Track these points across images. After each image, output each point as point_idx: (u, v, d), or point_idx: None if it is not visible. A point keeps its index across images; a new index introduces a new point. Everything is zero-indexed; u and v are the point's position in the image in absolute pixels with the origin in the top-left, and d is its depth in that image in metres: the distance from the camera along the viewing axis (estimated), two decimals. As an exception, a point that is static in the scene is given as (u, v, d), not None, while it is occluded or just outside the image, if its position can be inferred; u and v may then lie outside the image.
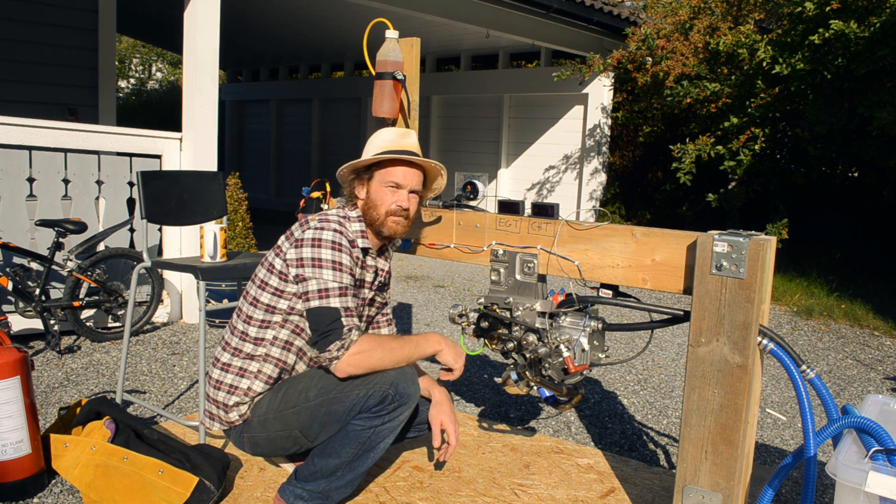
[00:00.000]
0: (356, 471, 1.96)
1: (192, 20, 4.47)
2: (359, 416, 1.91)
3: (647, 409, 3.40)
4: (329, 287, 1.89)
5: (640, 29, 7.09)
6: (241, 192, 5.83)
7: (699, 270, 1.75)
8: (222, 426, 2.08)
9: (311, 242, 1.93)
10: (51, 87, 6.39)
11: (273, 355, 2.03)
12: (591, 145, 8.78)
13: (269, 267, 2.03)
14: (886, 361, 4.46)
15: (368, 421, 1.91)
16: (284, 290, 1.99)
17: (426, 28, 8.15)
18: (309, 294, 1.90)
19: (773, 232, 6.35)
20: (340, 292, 1.90)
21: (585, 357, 2.08)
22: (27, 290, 3.82)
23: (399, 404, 1.92)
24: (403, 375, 1.95)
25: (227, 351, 2.08)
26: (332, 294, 1.89)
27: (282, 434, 2.00)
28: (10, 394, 2.18)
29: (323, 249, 1.92)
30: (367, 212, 2.08)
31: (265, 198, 12.47)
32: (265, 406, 2.02)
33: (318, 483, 1.95)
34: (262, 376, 2.03)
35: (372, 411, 1.90)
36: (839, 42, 5.77)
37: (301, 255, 1.93)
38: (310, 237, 1.95)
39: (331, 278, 1.90)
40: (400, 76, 2.39)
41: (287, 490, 1.98)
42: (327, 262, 1.91)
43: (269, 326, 2.02)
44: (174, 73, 20.13)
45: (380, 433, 1.93)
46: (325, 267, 1.90)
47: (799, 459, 1.72)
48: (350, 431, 1.92)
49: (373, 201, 2.06)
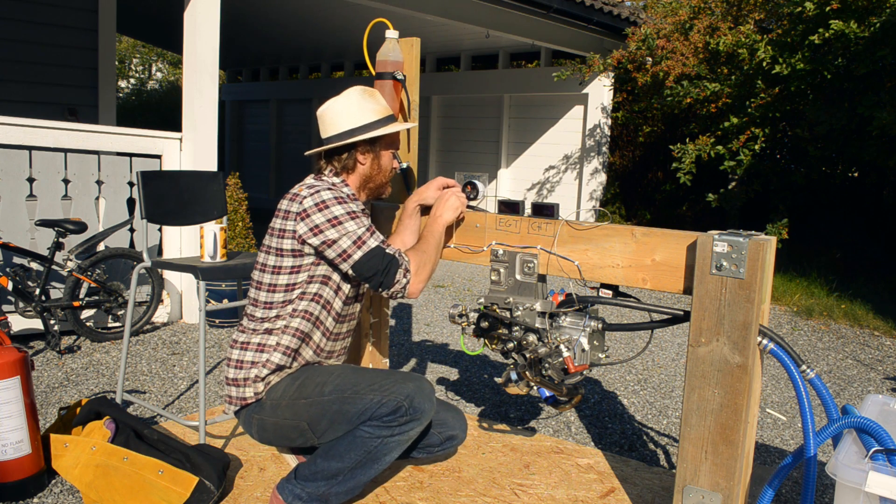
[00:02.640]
0: (357, 479, 1.94)
1: (192, 20, 4.47)
2: (368, 423, 1.89)
3: (647, 409, 3.40)
4: (360, 234, 1.95)
5: (640, 29, 7.09)
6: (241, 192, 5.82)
7: (699, 270, 1.75)
8: (235, 406, 2.05)
9: (317, 208, 1.95)
10: (51, 87, 6.39)
11: (292, 325, 2.01)
12: (591, 145, 8.78)
13: (278, 252, 2.01)
14: (886, 361, 4.46)
15: (377, 430, 1.89)
16: (302, 264, 2.00)
17: (426, 28, 8.15)
18: (347, 250, 1.94)
19: (773, 232, 6.35)
20: (370, 232, 1.97)
21: (585, 357, 2.08)
22: (27, 290, 3.82)
23: (411, 419, 1.90)
24: (422, 391, 1.94)
25: (244, 332, 2.06)
26: (366, 237, 1.95)
27: (290, 423, 1.98)
28: (10, 394, 2.18)
29: (331, 208, 1.95)
30: (373, 178, 2.13)
31: (265, 198, 12.46)
32: (280, 391, 2.00)
33: (318, 485, 1.93)
34: (281, 348, 2.00)
35: (383, 420, 1.88)
36: (839, 42, 5.77)
37: (314, 222, 1.94)
38: (312, 204, 1.95)
39: (355, 227, 1.95)
40: (400, 76, 2.38)
41: (286, 488, 1.97)
42: (343, 215, 1.95)
43: (288, 303, 2.02)
44: (174, 73, 20.13)
45: (387, 444, 1.91)
46: (343, 221, 1.94)
47: (799, 459, 1.72)
48: (357, 437, 1.90)
49: (383, 167, 2.14)
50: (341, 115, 2.07)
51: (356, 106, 2.07)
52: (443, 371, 3.86)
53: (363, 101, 2.08)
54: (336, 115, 2.07)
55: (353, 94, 2.09)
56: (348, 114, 2.06)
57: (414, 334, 4.65)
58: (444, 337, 4.61)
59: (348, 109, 2.06)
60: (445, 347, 4.36)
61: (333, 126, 2.08)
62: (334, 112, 2.07)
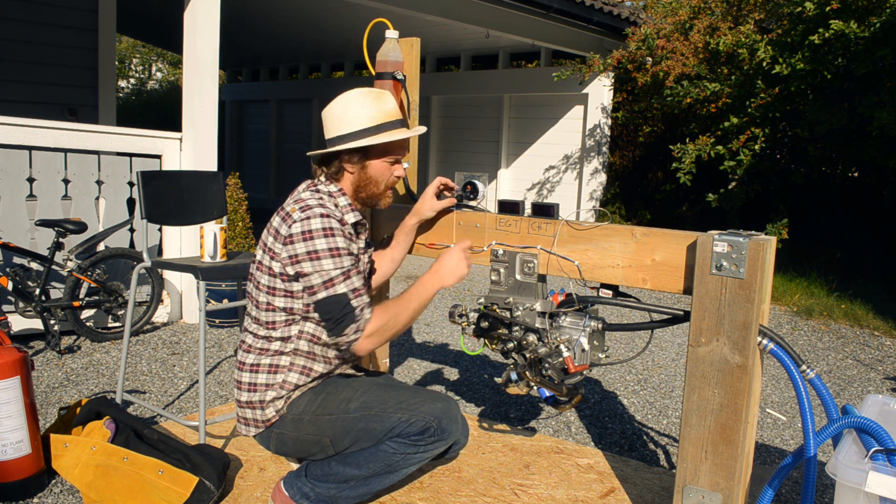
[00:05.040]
0: (370, 487, 1.93)
1: (192, 20, 4.47)
2: (395, 439, 1.88)
3: (647, 409, 3.40)
4: (333, 276, 1.85)
5: (640, 29, 7.09)
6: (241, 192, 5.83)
7: (699, 270, 1.75)
8: (259, 429, 1.99)
9: (301, 237, 1.86)
10: (51, 87, 6.39)
11: (302, 349, 1.97)
12: (591, 145, 8.78)
13: (269, 271, 1.94)
14: (886, 361, 4.46)
15: (403, 447, 1.88)
16: (293, 290, 1.93)
17: (426, 28, 8.15)
18: (314, 287, 1.86)
19: (773, 232, 6.35)
20: (344, 277, 1.86)
21: (585, 357, 2.08)
22: (27, 290, 3.81)
23: (438, 439, 1.90)
24: (449, 412, 1.93)
25: (251, 353, 2.00)
26: (337, 281, 1.85)
27: (312, 439, 1.95)
28: (10, 394, 2.18)
29: (316, 241, 1.86)
30: (364, 187, 2.02)
31: (265, 198, 12.45)
32: (303, 405, 1.96)
33: (328, 486, 1.91)
34: (296, 367, 1.97)
35: (410, 439, 1.88)
36: (839, 42, 5.77)
37: (295, 251, 1.87)
38: (299, 231, 1.87)
39: (332, 266, 1.85)
40: (400, 76, 2.38)
41: (294, 484, 1.94)
42: (324, 251, 1.85)
43: (292, 323, 1.97)
44: (174, 73, 20.12)
45: (409, 461, 1.91)
46: (322, 257, 1.85)
47: (799, 459, 1.72)
48: (381, 450, 1.89)
49: (373, 178, 2.02)
50: (332, 119, 2.00)
51: (348, 111, 1.98)
52: (443, 371, 3.86)
53: (357, 105, 1.98)
54: (329, 118, 2.01)
55: (349, 98, 2.01)
56: (338, 119, 1.99)
57: (414, 334, 4.65)
58: (444, 337, 4.61)
59: (339, 114, 1.99)
60: (445, 347, 4.36)
61: (326, 130, 2.02)
62: (329, 115, 2.01)
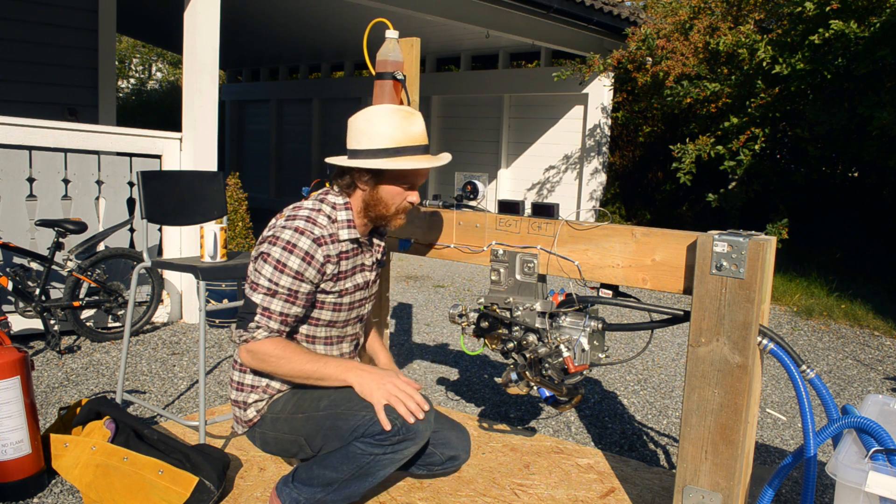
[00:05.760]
0: (352, 489, 1.92)
1: (192, 20, 4.47)
2: (361, 440, 1.86)
3: (647, 409, 3.40)
4: (260, 283, 1.87)
5: (640, 29, 7.09)
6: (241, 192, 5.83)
7: (699, 270, 1.75)
8: (244, 428, 2.06)
9: (268, 239, 1.91)
10: (51, 87, 6.39)
11: None
12: (591, 145, 8.78)
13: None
14: (886, 361, 4.46)
15: (370, 447, 1.86)
16: None
17: (426, 28, 8.15)
18: (248, 279, 1.92)
19: (773, 232, 6.35)
20: (269, 293, 1.86)
21: (585, 357, 2.08)
22: (27, 290, 3.82)
23: (404, 438, 1.85)
24: None
25: None
26: (261, 290, 1.87)
27: (288, 437, 1.99)
28: (10, 394, 2.18)
29: (274, 247, 1.87)
30: (373, 207, 1.96)
31: (265, 198, 12.46)
32: (281, 405, 2.00)
33: (314, 490, 1.92)
34: None
35: (375, 438, 1.85)
36: (839, 42, 5.77)
37: (258, 248, 1.92)
38: (270, 234, 1.91)
39: (268, 275, 1.86)
40: (400, 76, 2.38)
41: (284, 491, 1.96)
42: (273, 259, 1.86)
43: None
44: (174, 73, 20.13)
45: (379, 462, 1.88)
46: (268, 262, 1.87)
47: (799, 459, 1.72)
48: (350, 452, 1.88)
49: (383, 199, 1.96)
50: (353, 131, 1.96)
51: (371, 126, 1.93)
52: (443, 371, 3.86)
53: (381, 122, 1.92)
54: (351, 128, 1.97)
55: (375, 112, 1.96)
56: (359, 132, 1.94)
57: (414, 334, 4.65)
58: (444, 337, 4.61)
59: (362, 128, 1.94)
60: (445, 347, 4.36)
61: (348, 140, 1.98)
62: (352, 125, 1.97)
